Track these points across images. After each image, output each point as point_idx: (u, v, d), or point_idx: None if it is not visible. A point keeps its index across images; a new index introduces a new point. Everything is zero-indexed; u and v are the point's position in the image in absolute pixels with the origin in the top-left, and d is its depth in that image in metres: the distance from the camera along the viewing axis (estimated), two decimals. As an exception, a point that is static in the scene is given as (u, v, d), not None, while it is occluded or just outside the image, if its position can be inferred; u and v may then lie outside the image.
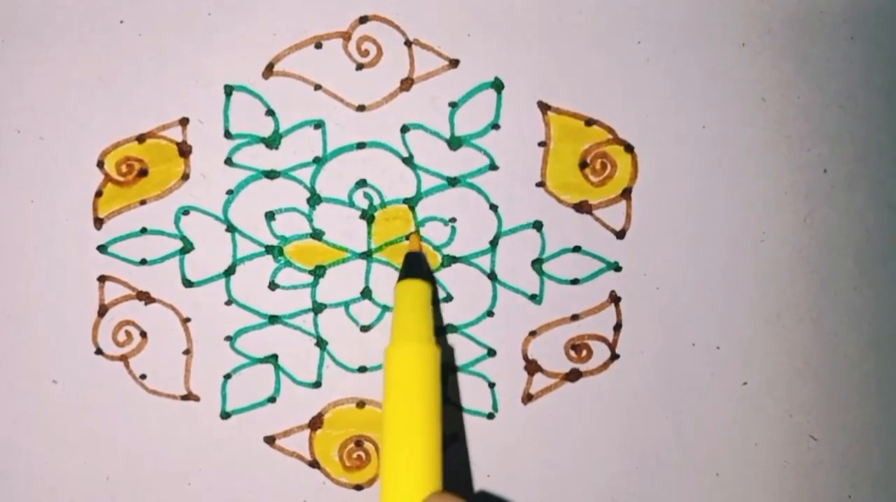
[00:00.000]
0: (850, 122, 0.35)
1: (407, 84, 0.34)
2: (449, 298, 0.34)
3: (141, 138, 0.34)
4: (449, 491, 0.28)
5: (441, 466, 0.29)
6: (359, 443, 0.34)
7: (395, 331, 0.31)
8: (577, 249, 0.35)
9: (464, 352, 0.35)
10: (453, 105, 0.34)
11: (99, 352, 0.34)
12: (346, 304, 0.35)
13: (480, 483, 0.34)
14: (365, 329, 0.35)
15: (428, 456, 0.28)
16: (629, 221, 0.35)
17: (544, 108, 0.34)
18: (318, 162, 0.34)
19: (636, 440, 0.35)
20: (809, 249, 0.35)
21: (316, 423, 0.34)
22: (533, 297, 0.35)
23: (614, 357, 0.35)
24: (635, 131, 0.35)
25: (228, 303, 0.34)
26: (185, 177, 0.34)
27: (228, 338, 0.34)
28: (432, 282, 0.33)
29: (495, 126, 0.34)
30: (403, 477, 0.28)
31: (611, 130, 0.35)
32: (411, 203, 0.34)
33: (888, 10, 0.35)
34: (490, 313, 0.35)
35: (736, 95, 0.35)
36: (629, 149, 0.35)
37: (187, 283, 0.34)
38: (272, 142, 0.34)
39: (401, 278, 0.32)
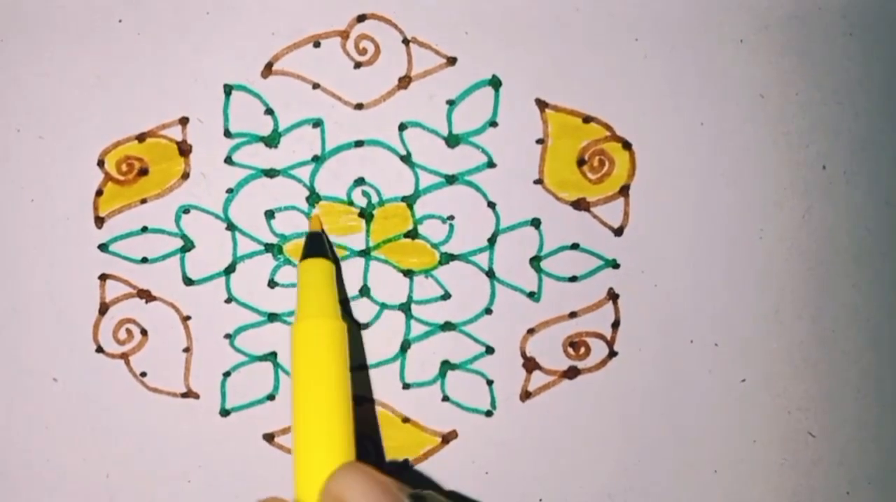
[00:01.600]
0: (849, 119, 0.35)
1: (405, 82, 0.34)
2: (447, 296, 0.35)
3: (141, 137, 0.34)
4: (361, 460, 0.28)
5: (353, 438, 0.29)
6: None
7: (299, 308, 0.31)
8: (575, 247, 0.35)
9: (462, 349, 0.35)
10: (451, 103, 0.34)
11: (100, 349, 0.35)
12: (345, 303, 0.35)
13: (478, 480, 0.35)
14: (363, 327, 0.35)
15: (339, 428, 0.28)
16: (627, 218, 0.35)
17: (542, 105, 0.34)
18: (317, 160, 0.34)
19: (634, 437, 0.35)
20: (808, 246, 0.35)
21: (315, 420, 0.35)
22: (531, 295, 0.35)
23: (612, 354, 0.35)
24: (633, 128, 0.35)
25: (228, 301, 0.35)
26: (186, 175, 0.35)
27: (228, 336, 0.35)
28: (335, 260, 0.33)
29: (493, 124, 0.34)
30: (315, 450, 0.28)
31: (609, 127, 0.35)
32: (409, 201, 0.35)
33: (886, 6, 0.35)
34: (488, 311, 0.35)
35: (734, 92, 0.34)
36: (627, 146, 0.35)
37: (188, 281, 0.35)
38: (271, 140, 0.34)
39: (302, 258, 0.32)
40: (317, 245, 0.33)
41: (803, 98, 0.35)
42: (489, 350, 0.35)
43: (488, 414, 0.35)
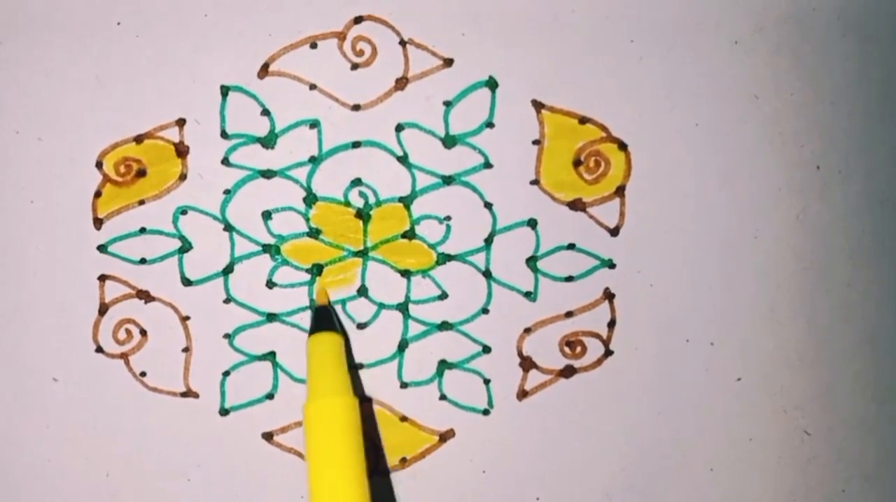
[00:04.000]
0: (844, 119, 0.35)
1: (402, 83, 0.35)
2: (444, 296, 0.35)
3: (139, 139, 0.35)
4: None
5: None
6: (355, 440, 0.35)
7: (310, 387, 0.31)
8: (571, 247, 0.35)
9: (459, 349, 0.35)
10: (448, 104, 0.35)
11: (99, 349, 0.35)
12: (343, 302, 0.35)
13: (476, 478, 0.35)
14: (361, 326, 0.35)
15: None
16: (623, 219, 0.35)
17: (538, 106, 0.35)
18: (314, 161, 0.35)
19: (630, 436, 0.35)
20: (803, 246, 0.35)
21: (313, 420, 0.35)
22: (527, 295, 0.35)
23: (608, 353, 0.35)
24: (629, 129, 0.35)
25: (227, 301, 0.35)
26: (183, 177, 0.35)
27: (227, 336, 0.35)
28: (343, 333, 0.34)
29: (489, 124, 0.35)
30: None
31: (604, 128, 0.35)
32: (406, 201, 0.35)
33: (881, 6, 0.35)
34: (485, 310, 0.35)
35: (729, 93, 0.35)
36: (623, 146, 0.35)
37: (186, 282, 0.35)
38: (268, 141, 0.35)
39: (310, 333, 0.33)
40: (324, 319, 0.33)
41: (798, 98, 0.35)
42: (486, 349, 0.35)
43: (485, 412, 0.35)
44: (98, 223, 0.35)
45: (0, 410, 0.35)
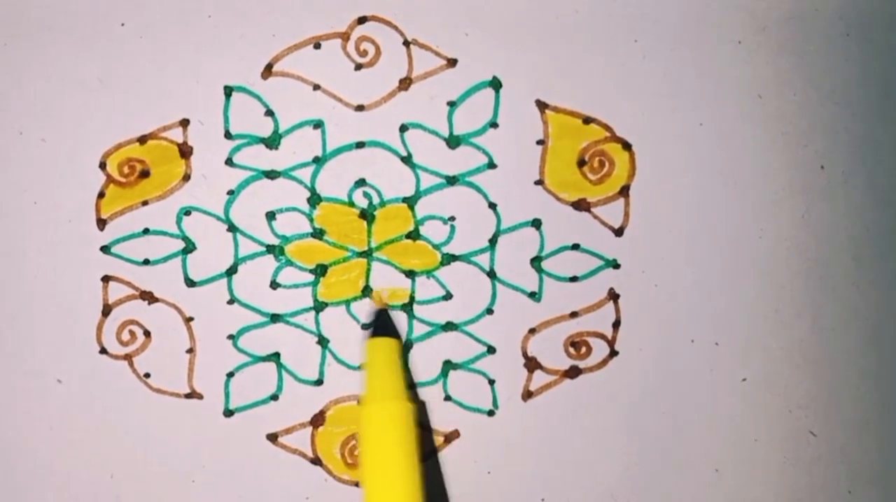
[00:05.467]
0: (847, 119, 0.35)
1: (405, 84, 0.35)
2: (449, 296, 0.35)
3: (142, 139, 0.35)
4: None
5: None
6: (360, 441, 0.35)
7: (367, 390, 0.32)
8: (575, 247, 0.35)
9: (464, 349, 0.35)
10: (452, 104, 0.35)
11: (103, 351, 0.35)
12: (347, 303, 0.35)
13: (480, 479, 0.35)
14: (366, 327, 0.35)
15: None
16: (627, 219, 0.35)
17: (542, 106, 0.35)
18: (318, 161, 0.35)
19: (635, 436, 0.35)
20: (807, 245, 0.35)
21: (318, 421, 0.35)
22: (532, 295, 0.35)
23: (613, 353, 0.35)
24: (633, 129, 0.35)
25: (231, 302, 0.35)
26: (187, 177, 0.35)
27: (231, 337, 0.35)
28: (399, 338, 0.34)
29: (494, 125, 0.35)
30: None
31: (608, 128, 0.35)
32: (410, 202, 0.35)
33: (884, 6, 0.35)
34: (489, 311, 0.35)
35: (732, 93, 0.35)
36: (627, 146, 0.35)
37: (190, 283, 0.35)
38: (272, 142, 0.35)
39: (370, 336, 0.33)
40: (383, 323, 0.34)
41: (801, 98, 0.35)
42: (491, 350, 0.35)
43: (490, 413, 0.35)
44: (101, 224, 0.35)
45: (4, 412, 0.35)
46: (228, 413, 0.35)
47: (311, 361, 0.35)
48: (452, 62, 0.35)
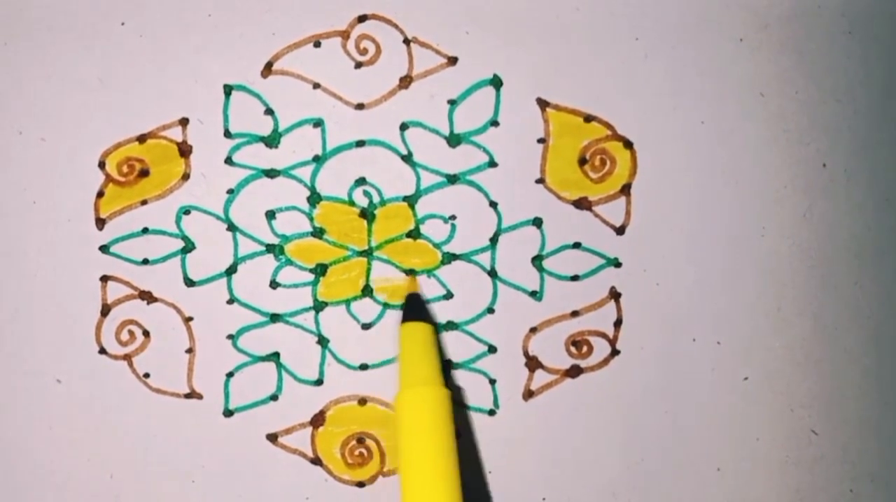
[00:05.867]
0: (849, 117, 0.35)
1: (406, 82, 0.34)
2: (449, 295, 0.35)
3: (142, 138, 0.34)
4: None
5: None
6: (360, 441, 0.34)
7: (402, 375, 0.31)
8: (576, 246, 0.35)
9: (464, 349, 0.35)
10: (452, 102, 0.34)
11: (102, 351, 0.35)
12: (348, 302, 0.35)
13: (482, 479, 0.35)
14: (366, 327, 0.35)
15: (447, 496, 0.29)
16: (629, 217, 0.35)
17: (543, 104, 0.35)
18: (318, 160, 0.35)
19: (637, 435, 0.35)
20: (809, 244, 0.35)
21: (318, 421, 0.35)
22: (533, 294, 0.35)
23: (615, 353, 0.35)
24: (634, 127, 0.35)
25: (230, 301, 0.35)
26: (186, 176, 0.35)
27: (230, 337, 0.35)
28: (434, 322, 0.34)
29: (494, 123, 0.35)
30: None
31: (610, 126, 0.35)
32: (411, 200, 0.35)
33: (886, 4, 0.35)
34: (490, 310, 0.35)
35: (734, 91, 0.35)
36: (628, 145, 0.35)
37: (189, 283, 0.35)
38: (272, 140, 0.34)
39: (403, 320, 0.33)
40: (417, 307, 0.33)
41: (803, 96, 0.35)
42: (492, 349, 0.35)
43: (491, 413, 0.35)
44: (100, 223, 0.35)
45: (3, 412, 0.34)
46: (228, 413, 0.35)
47: (310, 361, 0.35)
48: (453, 60, 0.34)
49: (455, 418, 0.34)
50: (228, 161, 0.34)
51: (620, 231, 0.35)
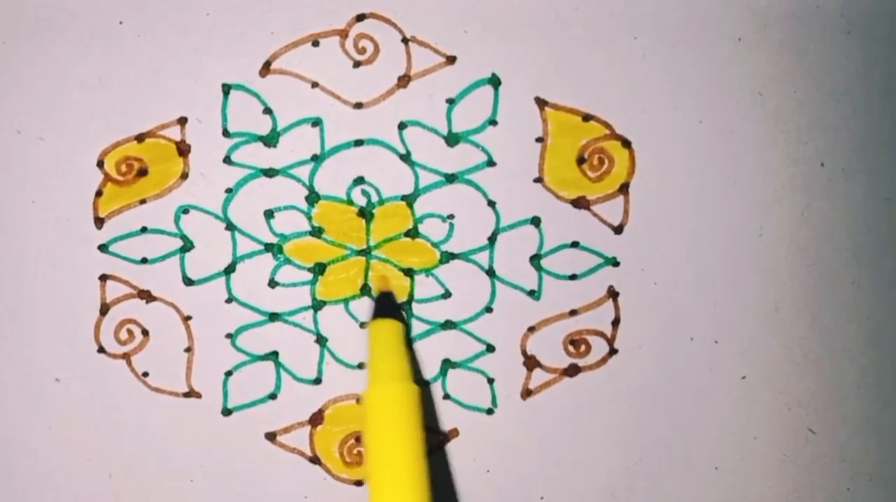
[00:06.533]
0: (847, 116, 0.35)
1: (404, 81, 0.34)
2: (448, 295, 0.35)
3: (140, 138, 0.34)
4: None
5: (428, 498, 0.29)
6: (359, 439, 0.35)
7: (371, 372, 0.31)
8: (575, 245, 0.35)
9: (463, 348, 0.35)
10: (451, 101, 0.34)
11: (101, 350, 0.35)
12: (346, 301, 0.35)
13: (479, 478, 0.35)
14: (364, 326, 0.35)
15: (413, 493, 0.28)
16: (627, 216, 0.35)
17: (542, 103, 0.35)
18: (316, 159, 0.35)
19: (635, 434, 0.35)
20: (807, 243, 0.35)
21: (316, 420, 0.35)
22: (531, 293, 0.35)
23: (613, 352, 0.35)
24: (633, 126, 0.35)
25: (229, 300, 0.35)
26: (185, 176, 0.35)
27: (229, 336, 0.35)
28: (404, 321, 0.33)
29: (493, 122, 0.35)
30: None
31: (608, 126, 0.35)
32: (409, 200, 0.35)
33: (884, 4, 0.35)
34: (488, 309, 0.35)
35: (733, 90, 0.35)
36: (626, 144, 0.35)
37: (188, 282, 0.35)
38: (270, 140, 0.34)
39: (373, 318, 0.33)
40: (386, 305, 0.33)
41: (802, 96, 0.35)
42: (490, 348, 0.35)
43: (489, 412, 0.35)
44: (99, 222, 0.35)
45: (2, 411, 0.35)
46: (227, 412, 0.35)
47: (309, 360, 0.35)
48: (451, 59, 0.34)
49: (453, 417, 0.35)
50: (227, 160, 0.34)
51: (618, 230, 0.35)
